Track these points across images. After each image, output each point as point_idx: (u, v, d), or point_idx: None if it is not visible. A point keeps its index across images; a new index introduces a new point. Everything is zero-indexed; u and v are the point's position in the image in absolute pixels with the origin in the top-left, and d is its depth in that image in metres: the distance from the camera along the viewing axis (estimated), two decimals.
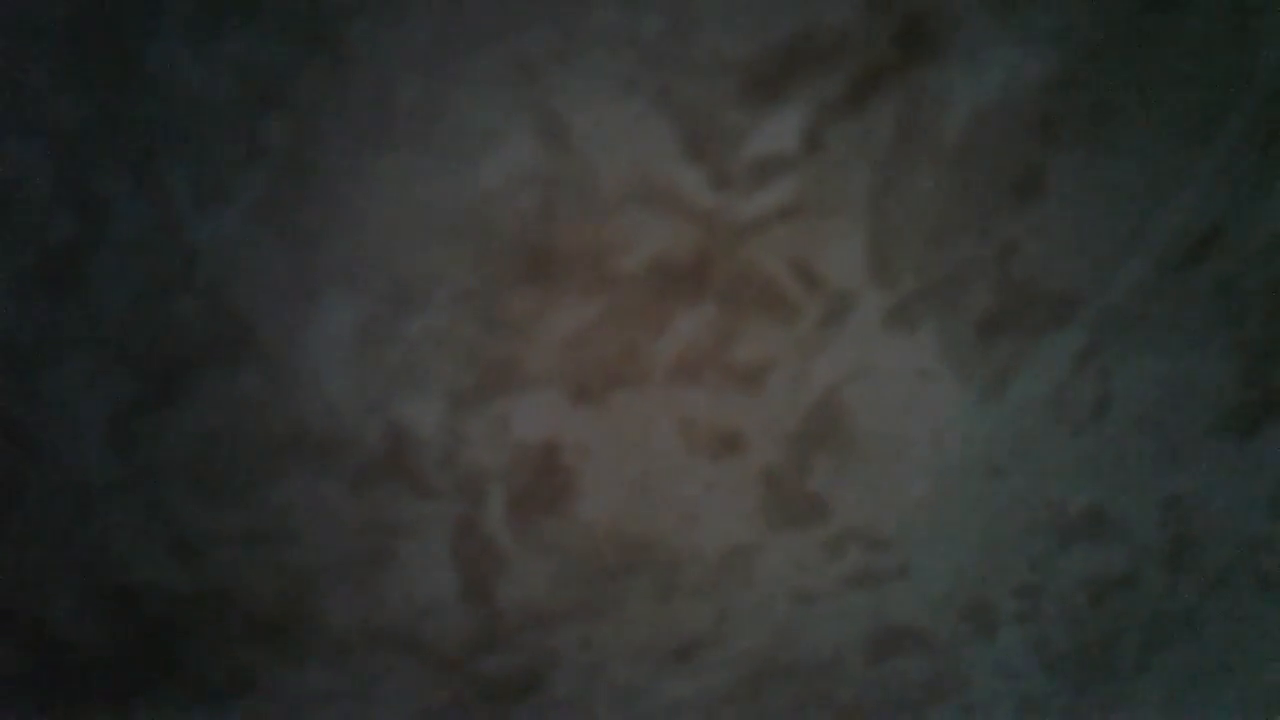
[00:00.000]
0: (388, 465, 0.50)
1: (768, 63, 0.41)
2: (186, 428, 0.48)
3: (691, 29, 0.40)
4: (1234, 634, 0.71)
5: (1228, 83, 0.46)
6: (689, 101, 0.41)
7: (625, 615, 0.60)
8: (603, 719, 0.64)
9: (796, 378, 0.51)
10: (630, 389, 0.50)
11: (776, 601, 0.61)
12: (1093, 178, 0.47)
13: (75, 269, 0.42)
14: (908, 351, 0.51)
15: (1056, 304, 0.51)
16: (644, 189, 0.43)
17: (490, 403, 0.49)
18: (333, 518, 0.52)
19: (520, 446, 0.51)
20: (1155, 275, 0.52)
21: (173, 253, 0.42)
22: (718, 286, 0.47)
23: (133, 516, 0.50)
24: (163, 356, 0.45)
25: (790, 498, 0.56)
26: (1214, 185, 0.49)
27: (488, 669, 0.60)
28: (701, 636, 0.62)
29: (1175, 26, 0.44)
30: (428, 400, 0.48)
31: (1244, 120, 0.47)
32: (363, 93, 0.39)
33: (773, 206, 0.45)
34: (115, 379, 0.46)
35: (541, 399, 0.49)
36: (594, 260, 0.45)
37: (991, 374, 0.53)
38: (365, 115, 0.40)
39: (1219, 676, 0.73)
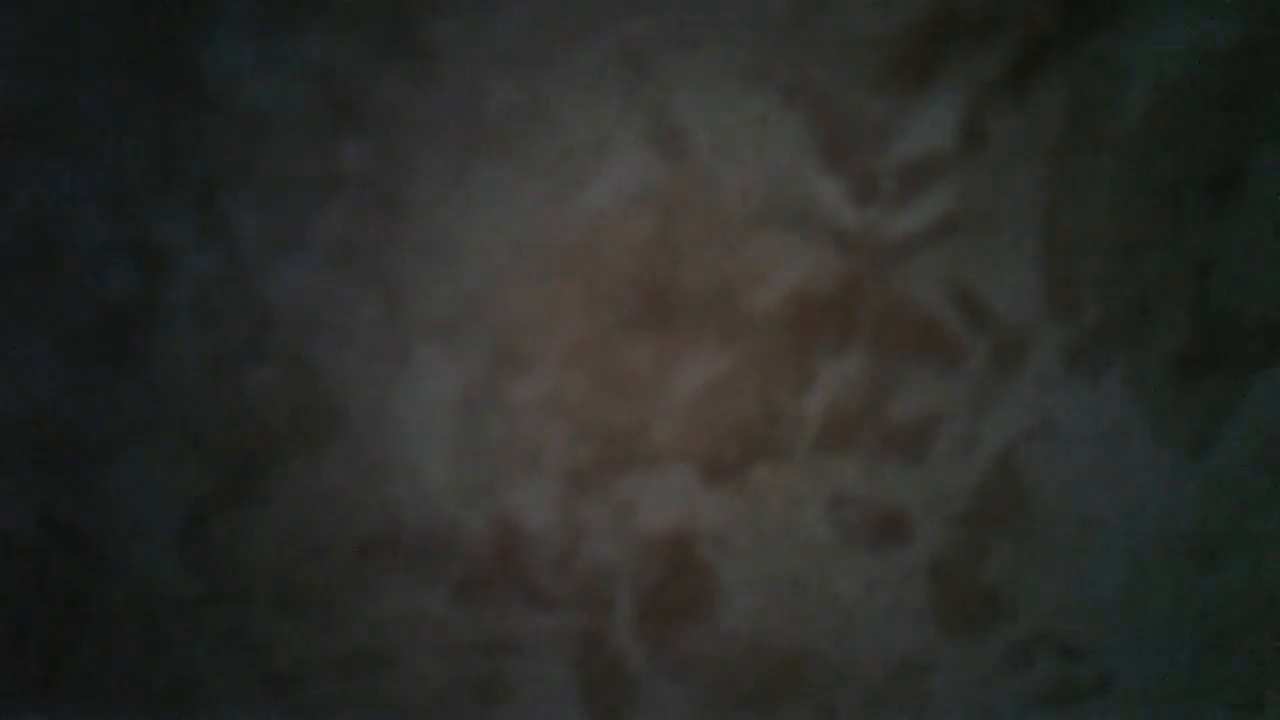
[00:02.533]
0: (496, 568, 0.43)
1: (912, 41, 0.35)
2: (267, 530, 0.42)
3: (822, 5, 0.35)
4: None
5: None
6: (823, 93, 0.36)
7: None
8: None
9: (964, 440, 0.44)
10: (771, 461, 0.43)
11: None
12: None
13: (135, 332, 0.37)
14: (1094, 401, 0.44)
15: (1265, 331, 0.43)
16: (776, 206, 0.37)
17: (611, 484, 0.42)
18: (435, 636, 0.45)
19: (648, 539, 0.44)
20: None
21: (243, 309, 0.37)
22: (867, 325, 0.40)
23: (212, 642, 0.44)
24: (237, 442, 0.40)
25: (964, 595, 0.48)
26: None
27: None
28: None
29: None
30: (539, 483, 0.42)
31: None
32: (451, 99, 0.34)
33: (928, 221, 0.38)
34: (185, 473, 0.40)
35: (670, 477, 0.42)
36: (722, 298, 0.39)
37: (1194, 427, 0.45)
38: (455, 126, 0.34)
39: None
